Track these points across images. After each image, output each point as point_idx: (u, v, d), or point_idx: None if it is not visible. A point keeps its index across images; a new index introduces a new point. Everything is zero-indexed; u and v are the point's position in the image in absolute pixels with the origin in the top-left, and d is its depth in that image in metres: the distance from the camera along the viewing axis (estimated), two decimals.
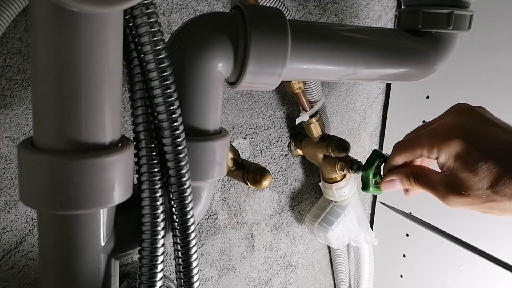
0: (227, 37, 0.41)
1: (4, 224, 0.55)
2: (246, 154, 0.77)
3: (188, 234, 0.39)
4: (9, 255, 0.56)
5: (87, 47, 0.29)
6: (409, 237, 0.94)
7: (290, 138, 0.82)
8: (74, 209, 0.32)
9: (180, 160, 0.37)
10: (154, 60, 0.34)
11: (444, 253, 0.88)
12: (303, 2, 0.75)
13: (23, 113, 0.53)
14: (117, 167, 0.32)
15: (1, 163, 0.53)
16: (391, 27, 0.91)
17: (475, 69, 0.78)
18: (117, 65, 0.32)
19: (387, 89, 0.97)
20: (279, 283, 0.91)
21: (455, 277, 0.86)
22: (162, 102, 0.35)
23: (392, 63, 0.53)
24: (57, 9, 0.27)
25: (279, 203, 0.86)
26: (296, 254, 0.93)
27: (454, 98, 0.82)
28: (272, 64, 0.42)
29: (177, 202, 0.38)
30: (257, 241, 0.84)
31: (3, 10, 0.44)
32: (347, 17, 0.83)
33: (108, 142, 0.33)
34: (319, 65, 0.48)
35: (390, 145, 0.98)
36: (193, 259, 0.39)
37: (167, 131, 0.36)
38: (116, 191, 0.33)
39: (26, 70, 0.52)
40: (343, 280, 1.00)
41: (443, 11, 0.54)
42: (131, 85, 0.36)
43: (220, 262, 0.79)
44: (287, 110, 0.80)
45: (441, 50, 0.57)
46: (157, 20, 0.34)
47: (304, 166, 0.87)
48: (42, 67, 0.29)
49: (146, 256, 0.37)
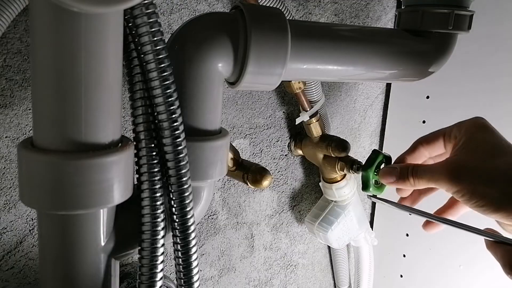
0: (227, 37, 0.41)
1: (4, 224, 0.55)
2: (246, 154, 0.77)
3: (188, 234, 0.39)
4: (9, 255, 0.56)
5: (87, 47, 0.29)
6: (409, 237, 0.94)
7: (290, 138, 0.82)
8: (74, 209, 0.32)
9: (180, 160, 0.37)
10: (154, 60, 0.34)
11: (444, 253, 0.88)
12: (303, 2, 0.75)
13: (23, 113, 0.53)
14: (117, 167, 0.32)
15: (1, 163, 0.53)
16: (391, 27, 0.91)
17: (475, 69, 0.78)
18: (117, 65, 0.32)
19: (387, 89, 0.97)
20: (279, 283, 0.91)
21: (455, 277, 0.86)
22: (162, 102, 0.35)
23: (392, 63, 0.53)
24: (57, 9, 0.27)
25: (279, 203, 0.86)
26: (296, 254, 0.93)
27: (454, 98, 0.82)
28: (272, 64, 0.42)
29: (177, 202, 0.38)
30: (257, 241, 0.84)
31: (3, 10, 0.44)
32: (347, 17, 0.83)
33: (108, 142, 0.33)
34: (319, 65, 0.48)
35: (390, 145, 0.98)
36: (193, 259, 0.39)
37: (167, 131, 0.36)
38: (116, 191, 0.33)
39: (26, 70, 0.52)
40: (343, 280, 1.00)
41: (443, 11, 0.54)
42: (131, 85, 0.36)
43: (220, 262, 0.79)
44: (287, 110, 0.80)
45: (441, 50, 0.57)
46: (157, 20, 0.34)
47: (304, 166, 0.87)
48: (42, 67, 0.29)
49: (146, 256, 0.37)
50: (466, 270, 0.84)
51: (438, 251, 0.89)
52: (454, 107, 0.81)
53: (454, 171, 0.38)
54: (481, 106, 0.77)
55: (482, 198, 0.36)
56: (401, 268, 0.98)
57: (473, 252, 0.82)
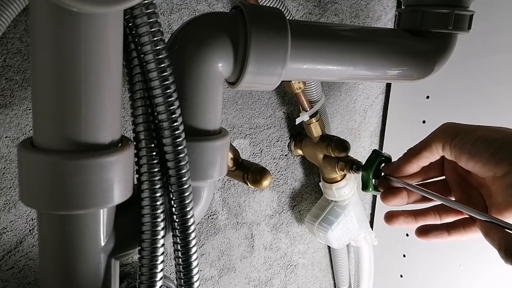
0: (227, 37, 0.41)
1: (4, 224, 0.55)
2: (246, 154, 0.77)
3: (188, 234, 0.39)
4: (9, 255, 0.56)
5: (87, 47, 0.29)
6: (409, 237, 0.94)
7: (290, 138, 0.82)
8: (74, 209, 0.32)
9: (180, 160, 0.37)
10: (154, 60, 0.34)
11: (444, 253, 0.88)
12: (303, 2, 0.75)
13: (23, 113, 0.53)
14: (117, 167, 0.32)
15: (1, 163, 0.53)
16: (391, 27, 0.91)
17: (475, 69, 0.78)
18: (117, 65, 0.32)
19: (387, 89, 0.97)
20: (279, 283, 0.91)
21: (455, 277, 0.86)
22: (162, 102, 0.35)
23: (392, 63, 0.53)
24: (57, 9, 0.27)
25: (279, 203, 0.86)
26: (296, 254, 0.93)
27: (454, 98, 0.82)
28: (272, 64, 0.42)
29: (177, 202, 0.38)
30: (257, 241, 0.84)
31: (3, 10, 0.44)
32: (347, 17, 0.83)
33: (108, 142, 0.33)
34: (319, 65, 0.48)
35: (390, 145, 0.98)
36: (193, 259, 0.39)
37: (167, 131, 0.36)
38: (116, 191, 0.33)
39: (26, 70, 0.52)
40: (343, 280, 1.00)
41: (443, 11, 0.54)
42: (131, 85, 0.36)
43: (220, 262, 0.79)
44: (287, 110, 0.80)
45: (441, 50, 0.57)
46: (157, 20, 0.34)
47: (304, 166, 0.87)
48: (42, 67, 0.29)
49: (146, 256, 0.37)
50: (466, 270, 0.84)
51: (438, 251, 0.89)
52: (454, 107, 0.81)
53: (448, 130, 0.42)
54: (481, 106, 0.77)
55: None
56: (401, 268, 0.98)
57: (473, 252, 0.82)
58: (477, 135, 0.39)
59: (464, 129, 0.40)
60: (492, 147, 0.38)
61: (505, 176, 0.37)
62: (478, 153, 0.38)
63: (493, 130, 0.39)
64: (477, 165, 0.39)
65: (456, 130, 0.41)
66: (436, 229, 0.42)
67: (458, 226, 0.42)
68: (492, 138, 0.38)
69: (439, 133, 0.42)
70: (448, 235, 0.42)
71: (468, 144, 0.39)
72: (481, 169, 0.39)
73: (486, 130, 0.39)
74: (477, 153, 0.39)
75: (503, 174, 0.37)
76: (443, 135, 0.42)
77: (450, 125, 0.42)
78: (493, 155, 0.38)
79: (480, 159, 0.38)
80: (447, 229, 0.42)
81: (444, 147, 0.41)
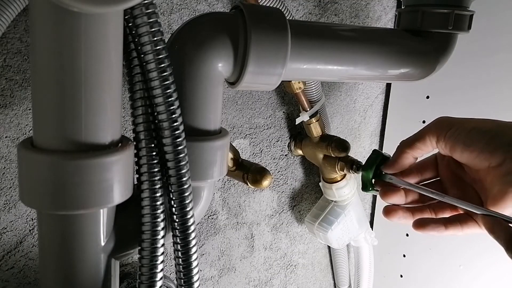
0: (227, 37, 0.41)
1: (4, 224, 0.55)
2: (246, 154, 0.77)
3: (188, 234, 0.39)
4: (9, 255, 0.56)
5: (87, 47, 0.29)
6: (409, 237, 0.94)
7: (290, 138, 0.82)
8: (74, 209, 0.32)
9: (180, 160, 0.37)
10: (154, 60, 0.34)
11: (444, 253, 0.88)
12: (303, 2, 0.75)
13: (23, 113, 0.53)
14: (117, 167, 0.32)
15: (1, 163, 0.53)
16: (391, 27, 0.91)
17: (475, 69, 0.78)
18: (117, 65, 0.32)
19: (387, 89, 0.97)
20: (279, 283, 0.91)
21: (455, 277, 0.86)
22: (162, 102, 0.35)
23: (392, 63, 0.53)
24: (57, 9, 0.27)
25: (279, 203, 0.86)
26: (296, 254, 0.93)
27: (454, 98, 0.82)
28: (272, 64, 0.42)
29: (177, 202, 0.38)
30: (257, 241, 0.84)
31: (3, 10, 0.44)
32: (347, 17, 0.83)
33: (108, 142, 0.33)
34: (319, 65, 0.48)
35: (390, 145, 0.98)
36: (193, 259, 0.39)
37: (167, 131, 0.36)
38: (116, 191, 0.33)
39: (26, 70, 0.52)
40: (343, 280, 1.00)
41: (443, 11, 0.54)
42: (131, 85, 0.36)
43: (220, 262, 0.79)
44: (287, 110, 0.80)
45: (441, 50, 0.57)
46: (157, 20, 0.34)
47: (304, 166, 0.87)
48: (42, 67, 0.29)
49: (146, 256, 0.37)
50: (466, 270, 0.84)
51: (438, 251, 0.89)
52: (454, 107, 0.81)
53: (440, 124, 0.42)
54: (481, 105, 0.77)
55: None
56: (401, 268, 0.98)
57: (473, 252, 0.82)
58: (471, 126, 0.40)
59: (458, 121, 0.41)
60: (486, 136, 0.38)
61: (500, 166, 0.37)
62: (473, 142, 0.39)
63: (486, 121, 0.40)
64: (472, 155, 0.39)
65: (450, 122, 0.41)
66: (434, 222, 0.43)
67: (454, 221, 0.42)
68: (486, 128, 0.39)
69: (433, 125, 0.43)
70: (445, 228, 0.42)
71: (463, 135, 0.40)
72: (475, 159, 0.39)
73: (479, 121, 0.40)
74: (472, 142, 0.39)
75: (498, 163, 0.38)
76: (437, 127, 0.42)
77: (445, 119, 0.43)
78: (487, 144, 0.38)
79: (475, 149, 0.39)
80: (444, 223, 0.42)
81: (439, 139, 0.42)
